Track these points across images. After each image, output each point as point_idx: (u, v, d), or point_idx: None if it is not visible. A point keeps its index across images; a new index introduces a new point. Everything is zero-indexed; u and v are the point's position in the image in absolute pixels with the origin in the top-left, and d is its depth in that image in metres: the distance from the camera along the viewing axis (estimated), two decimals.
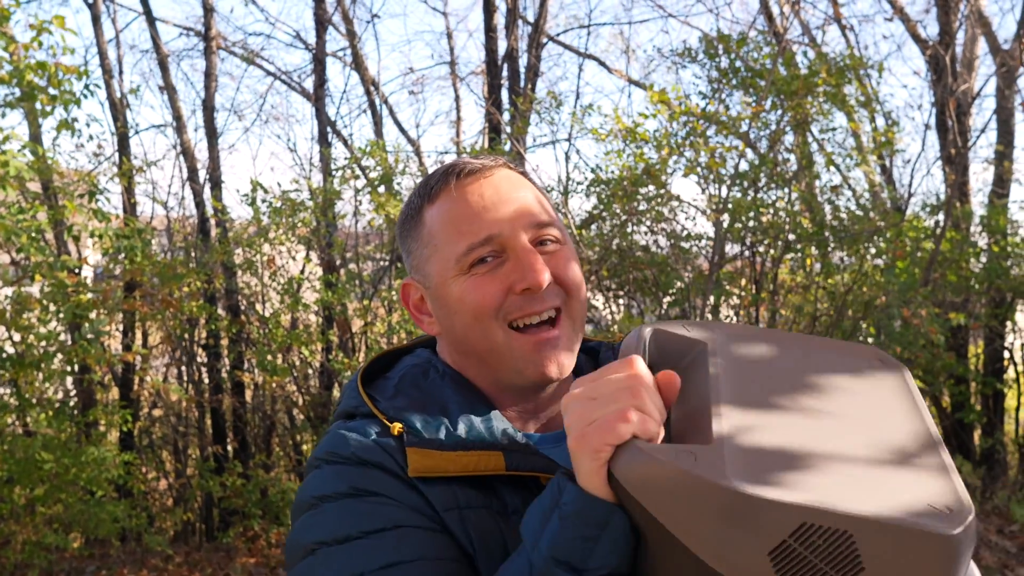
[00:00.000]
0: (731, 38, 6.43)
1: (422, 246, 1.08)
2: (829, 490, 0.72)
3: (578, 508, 0.79)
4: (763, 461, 0.74)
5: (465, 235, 1.03)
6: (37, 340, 5.06)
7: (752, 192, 6.26)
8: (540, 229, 1.04)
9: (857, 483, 0.74)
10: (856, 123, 7.29)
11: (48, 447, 4.97)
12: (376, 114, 8.82)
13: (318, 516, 0.95)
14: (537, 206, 1.06)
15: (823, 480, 0.73)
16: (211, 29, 7.94)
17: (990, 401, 7.44)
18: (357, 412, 1.05)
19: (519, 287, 1.01)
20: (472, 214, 1.03)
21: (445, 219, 1.05)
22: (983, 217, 7.32)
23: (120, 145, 7.36)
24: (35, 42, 4.83)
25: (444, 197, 1.06)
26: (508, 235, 1.02)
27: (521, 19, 8.22)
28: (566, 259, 1.06)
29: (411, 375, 1.08)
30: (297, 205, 6.21)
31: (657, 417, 0.79)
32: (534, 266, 1.01)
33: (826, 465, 0.75)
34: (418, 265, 1.09)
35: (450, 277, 1.04)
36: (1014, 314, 7.39)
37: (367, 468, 0.97)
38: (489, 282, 1.02)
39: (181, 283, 6.00)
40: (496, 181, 1.06)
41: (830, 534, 0.70)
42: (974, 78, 8.23)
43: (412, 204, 1.10)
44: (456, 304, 1.04)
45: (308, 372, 6.80)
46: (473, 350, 1.05)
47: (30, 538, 5.13)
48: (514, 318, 1.02)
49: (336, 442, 1.00)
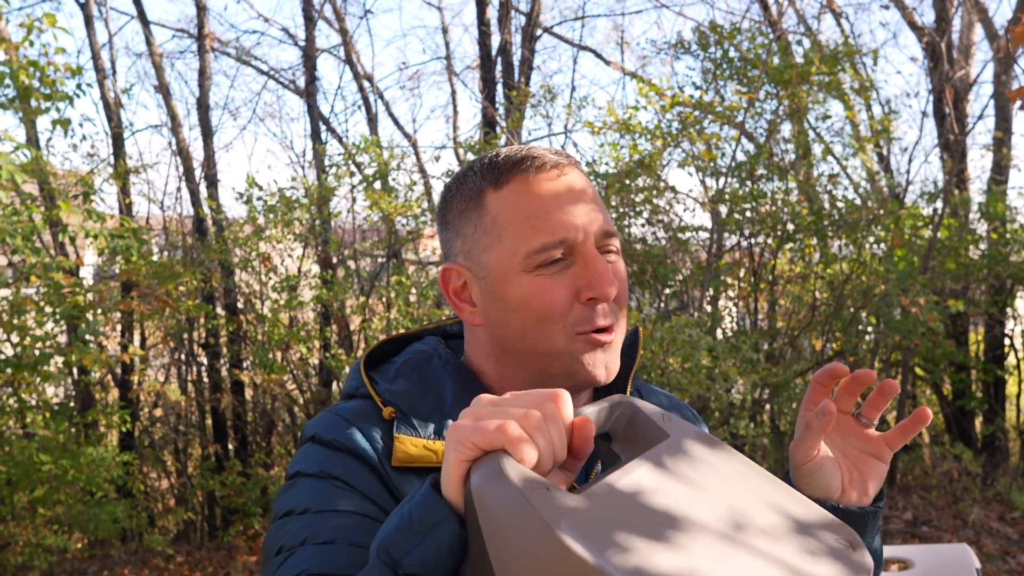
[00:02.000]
0: (723, 29, 6.41)
1: (481, 232, 1.02)
2: (654, 558, 0.65)
3: (419, 502, 0.75)
4: (608, 530, 0.66)
5: (540, 232, 0.99)
6: (33, 342, 5.06)
7: (750, 183, 6.24)
8: (607, 238, 1.03)
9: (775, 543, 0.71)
10: (853, 112, 7.27)
11: (47, 448, 4.97)
12: (371, 110, 8.80)
13: (292, 488, 0.99)
14: (604, 214, 1.04)
15: (658, 554, 0.66)
16: (204, 28, 7.92)
17: (991, 388, 7.43)
18: (356, 393, 1.05)
19: (586, 295, 0.99)
20: (548, 211, 1.00)
21: (517, 210, 1.00)
22: (981, 204, 7.30)
23: (115, 145, 7.34)
24: (26, 41, 4.81)
25: (517, 186, 1.01)
26: (581, 239, 1.00)
27: (515, 10, 8.19)
28: (623, 275, 1.05)
29: (414, 361, 1.07)
30: (292, 202, 6.19)
31: (542, 446, 0.72)
32: (604, 276, 0.99)
33: (676, 546, 0.68)
34: (471, 252, 1.04)
35: (513, 273, 1.00)
36: (1014, 300, 7.38)
37: (343, 455, 0.98)
38: (556, 286, 0.99)
39: (178, 282, 6.00)
40: (571, 181, 1.03)
41: None
42: (972, 64, 8.21)
43: (471, 185, 1.04)
44: (517, 303, 1.00)
45: (307, 370, 6.80)
46: (527, 350, 1.02)
47: (31, 540, 5.13)
48: (582, 330, 1.00)
49: (324, 422, 1.02)
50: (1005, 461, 7.15)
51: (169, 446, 7.32)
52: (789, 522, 0.75)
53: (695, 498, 0.74)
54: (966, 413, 7.39)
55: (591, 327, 1.00)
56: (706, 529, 0.71)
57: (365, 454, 0.98)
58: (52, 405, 5.61)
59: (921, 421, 0.97)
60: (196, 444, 7.32)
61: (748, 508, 0.75)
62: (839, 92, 6.63)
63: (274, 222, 6.27)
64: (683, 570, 0.65)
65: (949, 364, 7.30)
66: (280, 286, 6.26)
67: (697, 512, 0.72)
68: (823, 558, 0.72)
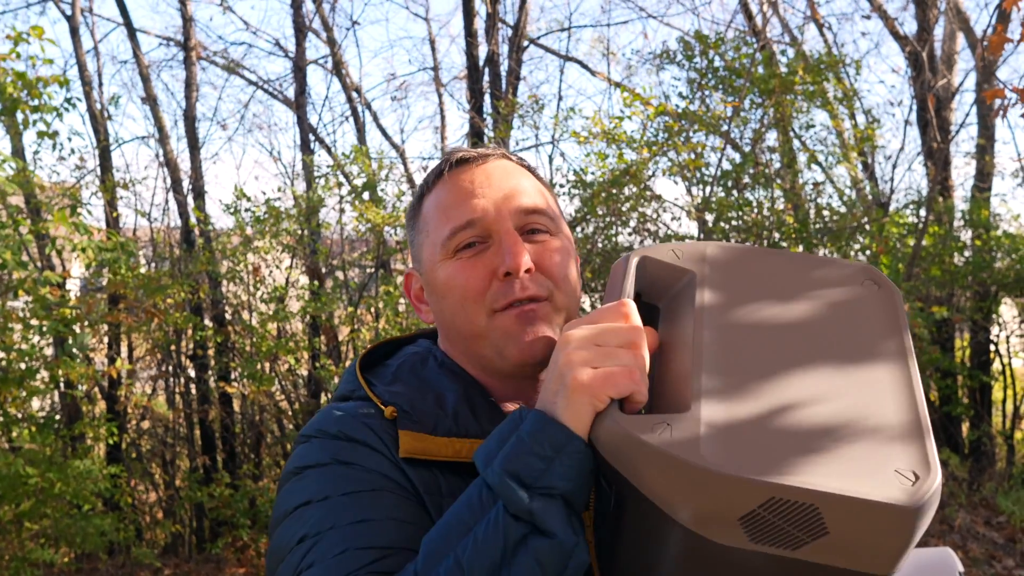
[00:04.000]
0: (708, 39, 6.46)
1: (417, 232, 1.09)
2: (797, 465, 0.74)
3: (537, 428, 0.80)
4: (735, 433, 0.76)
5: (451, 219, 1.04)
6: (20, 356, 5.03)
7: (736, 191, 6.28)
8: (528, 215, 1.04)
9: (827, 455, 0.75)
10: (838, 120, 7.33)
11: (33, 462, 4.94)
12: (359, 121, 8.82)
13: (300, 482, 0.95)
14: (529, 194, 1.06)
15: (793, 453, 0.75)
16: (191, 39, 7.92)
17: (977, 394, 7.48)
18: (352, 395, 1.05)
19: (500, 271, 1.01)
20: (459, 199, 1.04)
21: (436, 205, 1.06)
22: (965, 211, 7.36)
23: (102, 157, 7.33)
24: (13, 53, 4.81)
25: (439, 184, 1.07)
26: (492, 219, 1.02)
27: (502, 22, 8.23)
28: (554, 249, 1.04)
29: (410, 363, 1.08)
30: (280, 214, 6.19)
31: (647, 381, 0.82)
32: (512, 249, 1.00)
33: (798, 435, 0.77)
34: (416, 254, 1.11)
35: (437, 262, 1.05)
36: (998, 307, 7.44)
37: (352, 444, 0.97)
38: (472, 266, 1.02)
39: (165, 294, 5.98)
40: (489, 169, 1.07)
41: (796, 506, 0.73)
42: (954, 73, 8.29)
43: (416, 195, 1.12)
44: (443, 289, 1.04)
45: (296, 381, 6.78)
46: (459, 334, 1.05)
47: (17, 554, 5.09)
48: (500, 306, 1.01)
49: (324, 419, 1.01)
50: (991, 466, 7.20)
51: (157, 458, 7.28)
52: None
53: (777, 353, 0.84)
54: (952, 419, 7.44)
55: (506, 300, 1.00)
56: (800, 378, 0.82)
57: (374, 443, 0.97)
58: (38, 419, 5.58)
59: None
60: (184, 456, 7.29)
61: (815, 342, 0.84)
62: (824, 101, 6.69)
63: (262, 233, 6.27)
64: (819, 451, 0.75)
65: (935, 370, 7.34)
66: (268, 297, 6.26)
67: (785, 375, 0.82)
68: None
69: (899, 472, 0.74)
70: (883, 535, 0.74)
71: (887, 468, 0.75)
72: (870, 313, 0.90)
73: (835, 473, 0.74)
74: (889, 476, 0.74)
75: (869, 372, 0.84)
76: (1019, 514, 5.84)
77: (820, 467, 0.74)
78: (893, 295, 0.92)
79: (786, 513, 0.73)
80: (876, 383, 0.83)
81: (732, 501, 0.74)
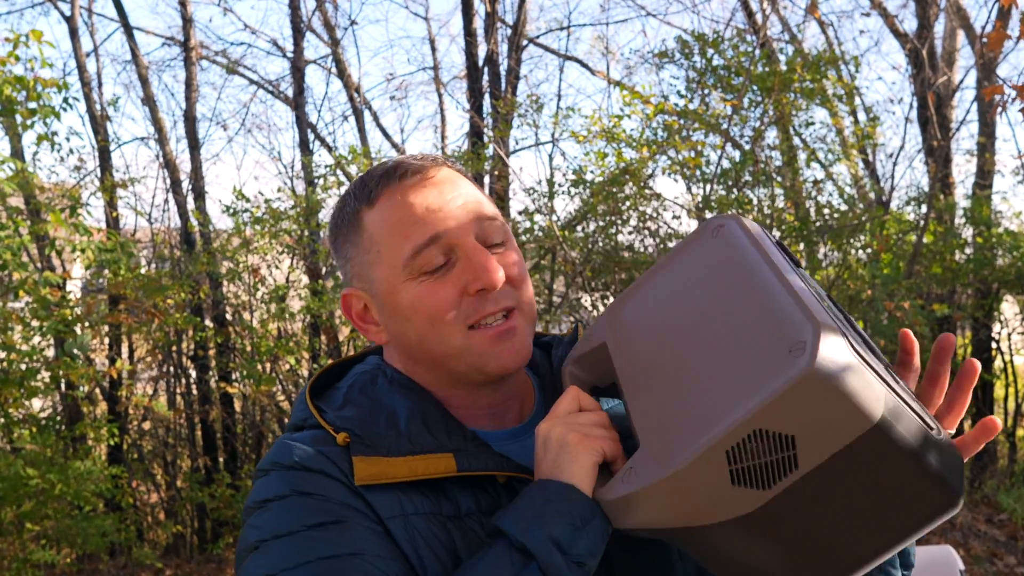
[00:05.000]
0: (706, 38, 6.46)
1: (363, 252, 1.04)
2: (726, 412, 0.79)
3: (565, 498, 0.89)
4: (674, 431, 0.84)
5: (409, 237, 1.00)
6: (20, 357, 5.03)
7: (736, 189, 6.28)
8: (485, 223, 1.03)
9: (744, 387, 0.80)
10: (838, 118, 7.32)
11: (34, 463, 4.94)
12: (360, 120, 8.82)
13: (264, 515, 0.94)
14: (480, 204, 1.05)
15: (718, 406, 0.80)
16: (191, 40, 7.92)
17: (978, 392, 7.46)
18: (305, 424, 1.03)
19: (473, 288, 0.99)
20: (416, 216, 1.00)
21: (388, 222, 1.02)
22: (966, 209, 7.35)
23: (101, 158, 7.33)
24: (12, 56, 4.81)
25: (385, 199, 1.02)
26: (455, 235, 1.00)
27: (501, 22, 8.23)
28: (514, 261, 1.04)
29: (359, 383, 1.06)
30: (280, 214, 6.19)
31: (616, 439, 0.94)
32: (487, 266, 0.99)
33: (712, 389, 0.83)
34: (360, 272, 1.05)
35: (399, 283, 1.01)
36: (1000, 304, 7.43)
37: (310, 473, 0.95)
38: (441, 287, 0.99)
39: (165, 295, 5.98)
40: (439, 181, 1.03)
41: (753, 439, 0.77)
42: (954, 71, 8.28)
43: (348, 207, 1.06)
44: (408, 311, 1.01)
45: (297, 380, 6.79)
46: (428, 355, 1.03)
47: (18, 555, 5.09)
48: (473, 321, 1.00)
49: (279, 452, 0.99)
50: (992, 464, 7.19)
51: (158, 459, 7.29)
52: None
53: (674, 347, 0.93)
54: None
55: (481, 315, 1.00)
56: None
57: (331, 472, 0.96)
58: (39, 419, 5.58)
59: (990, 431, 0.94)
60: (185, 456, 7.29)
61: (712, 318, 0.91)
62: (823, 98, 6.68)
63: (261, 234, 6.27)
64: (734, 388, 0.81)
65: None
66: (268, 297, 6.26)
67: (687, 359, 0.90)
68: None
69: (791, 350, 0.77)
70: (822, 402, 0.75)
71: (782, 355, 0.78)
72: (727, 254, 0.96)
73: (757, 394, 0.77)
74: (784, 358, 0.77)
75: (741, 302, 0.89)
76: (1021, 512, 5.83)
77: (746, 399, 0.78)
78: (734, 228, 0.98)
79: (753, 449, 0.77)
80: (752, 306, 0.87)
81: (704, 483, 0.80)
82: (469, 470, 0.97)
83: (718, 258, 0.96)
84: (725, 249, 0.96)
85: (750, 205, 6.29)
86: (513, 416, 1.09)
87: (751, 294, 0.88)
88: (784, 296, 0.84)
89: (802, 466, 0.77)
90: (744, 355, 0.82)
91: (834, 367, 0.75)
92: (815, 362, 0.74)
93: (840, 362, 0.75)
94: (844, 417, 0.75)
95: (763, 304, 0.85)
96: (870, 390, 0.76)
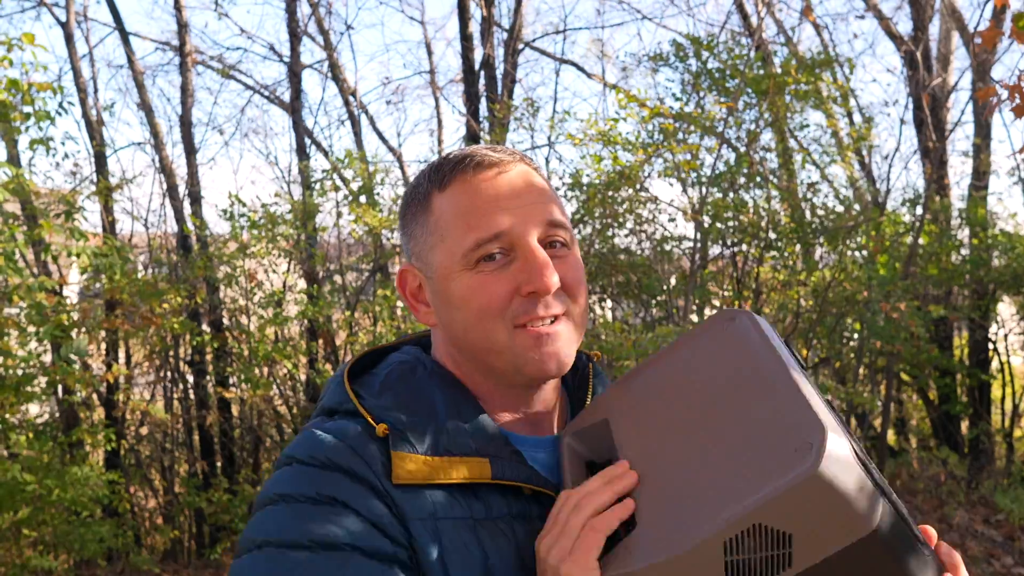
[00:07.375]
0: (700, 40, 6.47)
1: (428, 233, 1.04)
2: (728, 503, 0.80)
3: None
4: (673, 516, 0.85)
5: (475, 229, 0.99)
6: (16, 362, 5.02)
7: (731, 192, 6.29)
8: (551, 229, 1.02)
9: (748, 480, 0.81)
10: (833, 120, 7.33)
11: (31, 469, 4.93)
12: (356, 124, 8.82)
13: (275, 513, 0.92)
14: (550, 206, 1.04)
15: (721, 496, 0.82)
16: (186, 45, 7.92)
17: (976, 392, 7.48)
18: (340, 409, 1.01)
19: (526, 289, 0.99)
20: (484, 208, 1.00)
21: (456, 210, 1.02)
22: (962, 210, 7.36)
23: (97, 163, 7.33)
24: (5, 60, 4.80)
25: (457, 186, 1.03)
26: (519, 233, 1.00)
27: (497, 26, 8.24)
28: (573, 264, 1.04)
29: (399, 372, 1.04)
30: (276, 218, 6.19)
31: (615, 517, 0.90)
32: (543, 270, 0.98)
33: (716, 479, 0.84)
34: (420, 252, 1.05)
35: (455, 271, 1.01)
36: (996, 305, 7.44)
37: (335, 473, 0.93)
38: (495, 281, 0.99)
39: (162, 300, 5.97)
40: (512, 176, 1.03)
41: (752, 533, 0.78)
42: (949, 72, 8.30)
43: (420, 187, 1.06)
44: (459, 301, 1.01)
45: (294, 385, 6.78)
46: (471, 347, 1.02)
47: (15, 561, 5.08)
48: (520, 322, 1.00)
49: (308, 443, 0.97)
50: (990, 464, 7.19)
51: (155, 464, 7.28)
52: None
53: (681, 430, 0.94)
54: (952, 417, 7.44)
55: (529, 317, 0.99)
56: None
57: (361, 473, 0.93)
58: (36, 425, 5.57)
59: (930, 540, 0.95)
60: (183, 461, 7.28)
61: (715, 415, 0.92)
62: (819, 100, 6.70)
63: (258, 238, 6.26)
64: (737, 480, 0.82)
65: (934, 369, 7.34)
66: (265, 302, 6.25)
67: (692, 441, 0.91)
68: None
69: (797, 450, 0.78)
70: (823, 504, 0.76)
71: (788, 453, 0.79)
72: (737, 347, 0.98)
73: (759, 488, 0.79)
74: (791, 457, 0.78)
75: (750, 397, 0.90)
76: (1018, 512, 5.84)
77: (746, 493, 0.79)
78: (745, 322, 1.01)
79: (748, 544, 0.78)
80: (760, 401, 0.88)
81: (704, 567, 0.80)
82: (503, 478, 0.97)
83: (729, 350, 0.98)
84: (736, 342, 0.98)
85: (746, 207, 6.30)
86: (546, 424, 1.09)
87: (760, 390, 0.89)
88: (792, 395, 0.85)
89: (795, 566, 0.78)
90: (750, 449, 0.83)
91: (838, 470, 0.76)
92: (820, 463, 0.76)
93: (844, 466, 0.77)
94: (844, 520, 0.77)
95: (771, 401, 0.87)
96: (871, 496, 0.78)
